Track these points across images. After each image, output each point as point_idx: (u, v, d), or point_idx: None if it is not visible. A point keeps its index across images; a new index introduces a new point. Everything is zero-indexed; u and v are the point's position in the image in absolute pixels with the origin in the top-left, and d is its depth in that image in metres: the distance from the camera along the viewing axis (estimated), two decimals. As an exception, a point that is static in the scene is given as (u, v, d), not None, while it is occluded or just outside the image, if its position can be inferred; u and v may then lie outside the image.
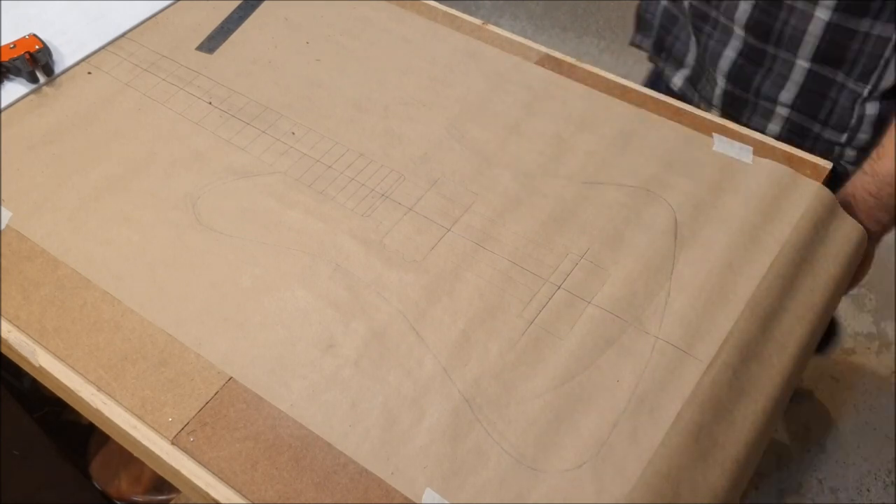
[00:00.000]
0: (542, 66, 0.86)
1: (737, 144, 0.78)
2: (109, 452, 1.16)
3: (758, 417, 0.61)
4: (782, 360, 0.64)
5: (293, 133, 0.80)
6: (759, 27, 0.80)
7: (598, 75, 0.86)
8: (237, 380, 0.62)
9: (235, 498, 0.57)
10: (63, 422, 1.18)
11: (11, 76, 0.85)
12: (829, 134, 0.83)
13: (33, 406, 1.11)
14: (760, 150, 0.78)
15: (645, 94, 0.84)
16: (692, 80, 0.93)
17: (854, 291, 1.68)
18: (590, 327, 0.64)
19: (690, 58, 0.92)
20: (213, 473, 0.58)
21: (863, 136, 0.81)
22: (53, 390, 0.65)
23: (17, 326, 0.66)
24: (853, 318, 1.64)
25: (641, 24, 0.97)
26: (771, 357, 0.64)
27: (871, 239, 0.75)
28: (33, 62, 0.85)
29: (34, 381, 0.77)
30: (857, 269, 0.75)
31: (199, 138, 0.80)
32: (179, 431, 0.60)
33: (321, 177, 0.76)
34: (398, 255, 0.69)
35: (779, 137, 0.81)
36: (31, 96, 0.84)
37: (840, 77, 0.79)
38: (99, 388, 0.62)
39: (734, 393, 0.61)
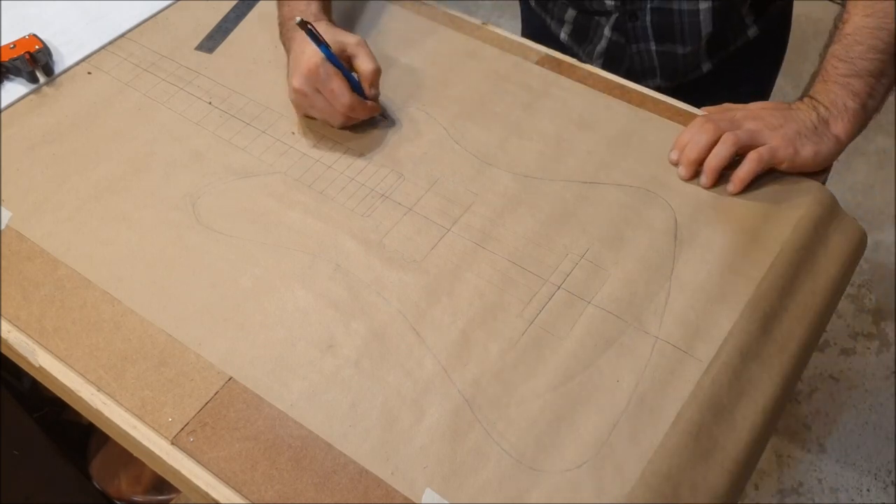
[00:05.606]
0: (542, 66, 0.86)
1: (737, 144, 0.78)
2: (109, 452, 1.16)
3: (758, 417, 0.61)
4: (782, 360, 0.64)
5: (293, 133, 0.80)
6: None
7: (598, 75, 0.86)
8: (237, 380, 0.62)
9: (235, 498, 0.57)
10: (63, 422, 1.18)
11: (11, 76, 0.85)
12: None
13: (33, 406, 1.11)
14: (760, 150, 0.78)
15: (645, 94, 0.83)
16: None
17: (854, 291, 1.68)
18: (590, 327, 0.64)
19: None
20: (213, 473, 0.58)
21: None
22: (53, 390, 0.65)
23: (17, 326, 0.66)
24: (853, 318, 1.64)
25: None
26: (771, 357, 0.64)
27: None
28: (33, 62, 0.85)
29: (34, 381, 0.77)
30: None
31: (199, 138, 0.80)
32: (179, 431, 0.59)
33: (321, 177, 0.76)
34: (398, 255, 0.69)
35: None
36: (31, 96, 0.84)
37: None
38: (99, 389, 0.62)
39: (734, 393, 0.61)
